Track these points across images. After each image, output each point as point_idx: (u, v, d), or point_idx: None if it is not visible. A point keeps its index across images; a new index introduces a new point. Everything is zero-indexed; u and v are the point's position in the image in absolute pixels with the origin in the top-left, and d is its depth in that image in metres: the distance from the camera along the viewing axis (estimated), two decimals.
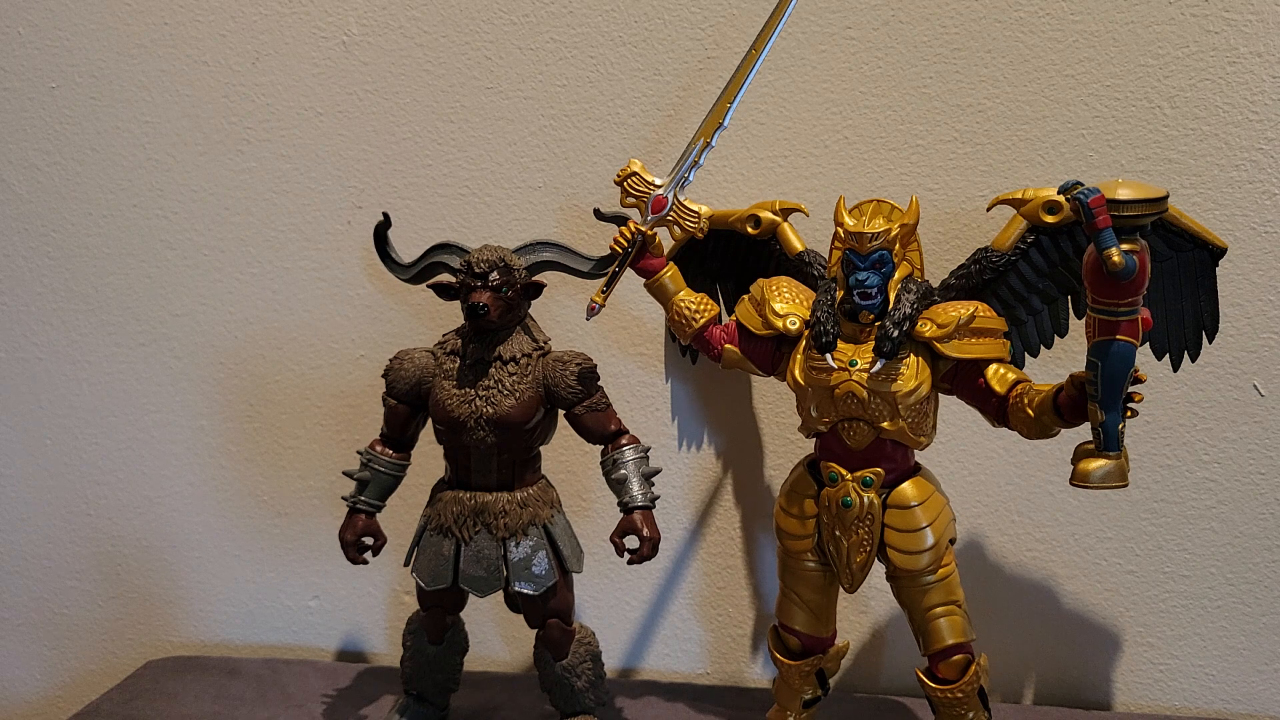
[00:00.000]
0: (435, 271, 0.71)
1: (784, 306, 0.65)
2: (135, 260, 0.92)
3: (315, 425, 0.91)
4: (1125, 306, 0.52)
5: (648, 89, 0.81)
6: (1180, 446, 0.78)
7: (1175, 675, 0.82)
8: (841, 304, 0.62)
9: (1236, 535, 0.79)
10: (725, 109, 0.66)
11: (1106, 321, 0.53)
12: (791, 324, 0.64)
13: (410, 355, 0.71)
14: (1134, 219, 0.51)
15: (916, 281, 0.62)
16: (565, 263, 0.70)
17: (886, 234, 0.61)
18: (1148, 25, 0.73)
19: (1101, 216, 0.50)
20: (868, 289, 0.61)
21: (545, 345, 0.70)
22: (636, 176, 0.68)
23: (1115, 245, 0.50)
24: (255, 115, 0.87)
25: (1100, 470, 0.55)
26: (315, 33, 0.85)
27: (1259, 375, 0.77)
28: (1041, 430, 0.60)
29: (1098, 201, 0.50)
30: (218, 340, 0.92)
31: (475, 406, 0.68)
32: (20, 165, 0.92)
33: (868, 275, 0.61)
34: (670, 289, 0.68)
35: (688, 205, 0.68)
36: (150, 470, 0.95)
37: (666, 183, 0.68)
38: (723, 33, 0.79)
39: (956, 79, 0.76)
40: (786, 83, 0.78)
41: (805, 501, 0.66)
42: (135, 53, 0.88)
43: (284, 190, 0.88)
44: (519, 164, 0.84)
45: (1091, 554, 0.81)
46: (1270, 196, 0.74)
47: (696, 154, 0.67)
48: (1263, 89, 0.73)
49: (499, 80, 0.83)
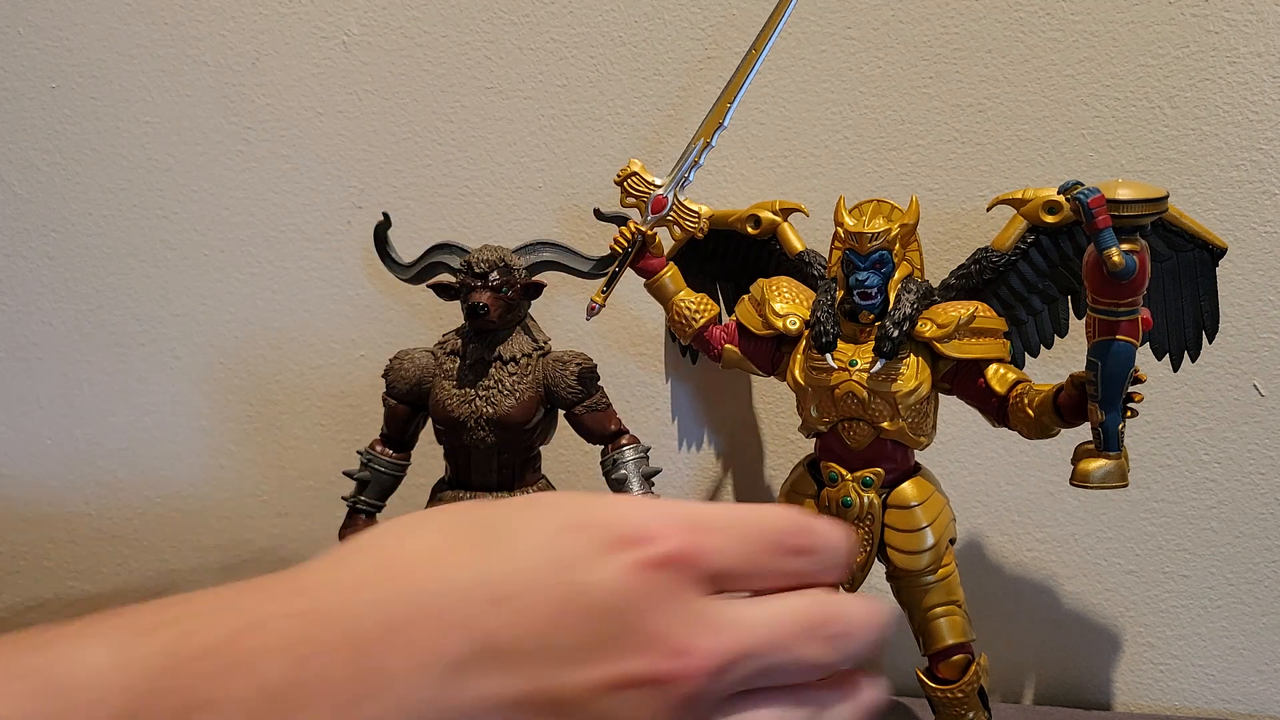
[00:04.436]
0: (435, 271, 0.71)
1: (784, 306, 0.64)
2: (135, 260, 0.92)
3: (315, 425, 0.91)
4: (1125, 306, 0.52)
5: (648, 89, 0.81)
6: (1180, 446, 0.78)
7: (1175, 675, 0.82)
8: (841, 304, 0.62)
9: (1236, 535, 0.79)
10: (725, 109, 0.66)
11: (1106, 321, 0.53)
12: (791, 324, 0.64)
13: (410, 355, 0.71)
14: (1134, 219, 0.51)
15: (916, 281, 0.62)
16: (565, 263, 0.70)
17: (886, 234, 0.60)
18: (1148, 25, 0.73)
19: (1101, 216, 0.49)
20: (868, 289, 0.60)
21: (545, 345, 0.70)
22: (636, 176, 0.67)
23: (1115, 245, 0.50)
24: (255, 115, 0.87)
25: (1100, 470, 0.55)
26: (315, 33, 0.85)
27: (1259, 375, 0.76)
28: (1041, 430, 0.60)
29: (1098, 201, 0.49)
30: (218, 340, 0.92)
31: (475, 406, 0.68)
32: (20, 165, 0.92)
33: (868, 275, 0.60)
34: (670, 289, 0.68)
35: (688, 205, 0.67)
36: (150, 470, 0.95)
37: (666, 183, 0.67)
38: (723, 33, 0.79)
39: (956, 79, 0.76)
40: (786, 83, 0.78)
41: (805, 501, 0.66)
42: (135, 53, 0.88)
43: (284, 190, 0.88)
44: (519, 164, 0.84)
45: (1091, 554, 0.81)
46: (1270, 196, 0.74)
47: (697, 154, 0.67)
48: (1263, 89, 0.72)
49: (499, 80, 0.83)
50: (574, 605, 0.31)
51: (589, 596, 0.31)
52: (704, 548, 0.33)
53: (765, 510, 0.36)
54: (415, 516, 0.34)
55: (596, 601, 0.31)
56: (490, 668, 0.30)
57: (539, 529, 0.32)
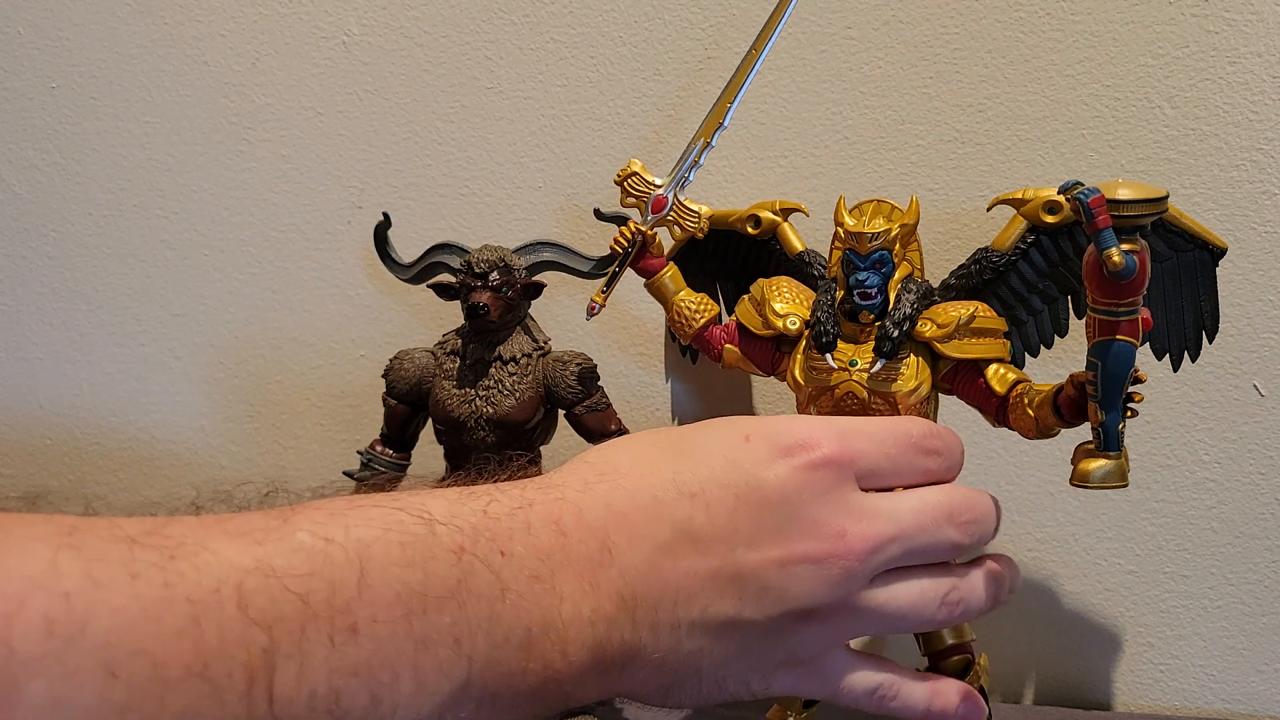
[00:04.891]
0: (435, 271, 0.71)
1: (784, 306, 0.64)
2: (135, 260, 0.92)
3: (315, 425, 0.91)
4: (1125, 306, 0.52)
5: (648, 89, 0.81)
6: (1180, 446, 0.78)
7: (1175, 675, 0.82)
8: (841, 304, 0.62)
9: (1236, 535, 0.79)
10: (725, 109, 0.66)
11: (1106, 322, 0.52)
12: (791, 324, 0.63)
13: (410, 355, 0.71)
14: (1134, 219, 0.50)
15: (916, 281, 0.62)
16: (565, 263, 0.70)
17: (887, 234, 0.60)
18: (1148, 25, 0.73)
19: (1101, 216, 0.49)
20: (868, 289, 0.60)
21: (545, 345, 0.70)
22: (636, 176, 0.67)
23: (1115, 245, 0.49)
24: (255, 115, 0.87)
25: (1100, 470, 0.54)
26: (315, 33, 0.85)
27: (1259, 375, 0.76)
28: (1042, 430, 0.59)
29: (1098, 201, 0.49)
30: (218, 340, 0.92)
31: (475, 406, 0.68)
32: (20, 165, 0.92)
33: (868, 275, 0.60)
34: (670, 289, 0.68)
35: (688, 205, 0.67)
36: (151, 471, 0.95)
37: (667, 183, 0.67)
38: (723, 33, 0.79)
39: (956, 79, 0.76)
40: (786, 82, 0.78)
41: None
42: (135, 53, 0.88)
43: (284, 190, 0.88)
44: (519, 164, 0.84)
45: (1091, 554, 0.81)
46: (1270, 196, 0.74)
47: (697, 154, 0.67)
48: (1263, 89, 0.72)
49: (499, 80, 0.83)
50: (750, 499, 0.39)
51: (762, 492, 0.39)
52: (855, 451, 0.41)
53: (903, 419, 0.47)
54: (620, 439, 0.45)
55: (768, 496, 0.39)
56: (687, 549, 0.38)
57: (720, 440, 0.41)
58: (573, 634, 0.36)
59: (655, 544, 0.38)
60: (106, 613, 0.29)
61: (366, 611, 0.32)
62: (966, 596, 0.46)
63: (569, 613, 0.36)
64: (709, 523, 0.38)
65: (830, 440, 0.40)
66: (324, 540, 0.33)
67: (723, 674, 0.40)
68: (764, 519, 0.38)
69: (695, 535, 0.38)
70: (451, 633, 0.33)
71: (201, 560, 0.31)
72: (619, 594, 0.37)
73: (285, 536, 0.33)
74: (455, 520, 0.35)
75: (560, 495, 0.38)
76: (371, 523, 0.34)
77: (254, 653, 0.30)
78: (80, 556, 0.30)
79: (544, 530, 0.37)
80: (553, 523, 0.37)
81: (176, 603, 0.30)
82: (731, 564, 0.38)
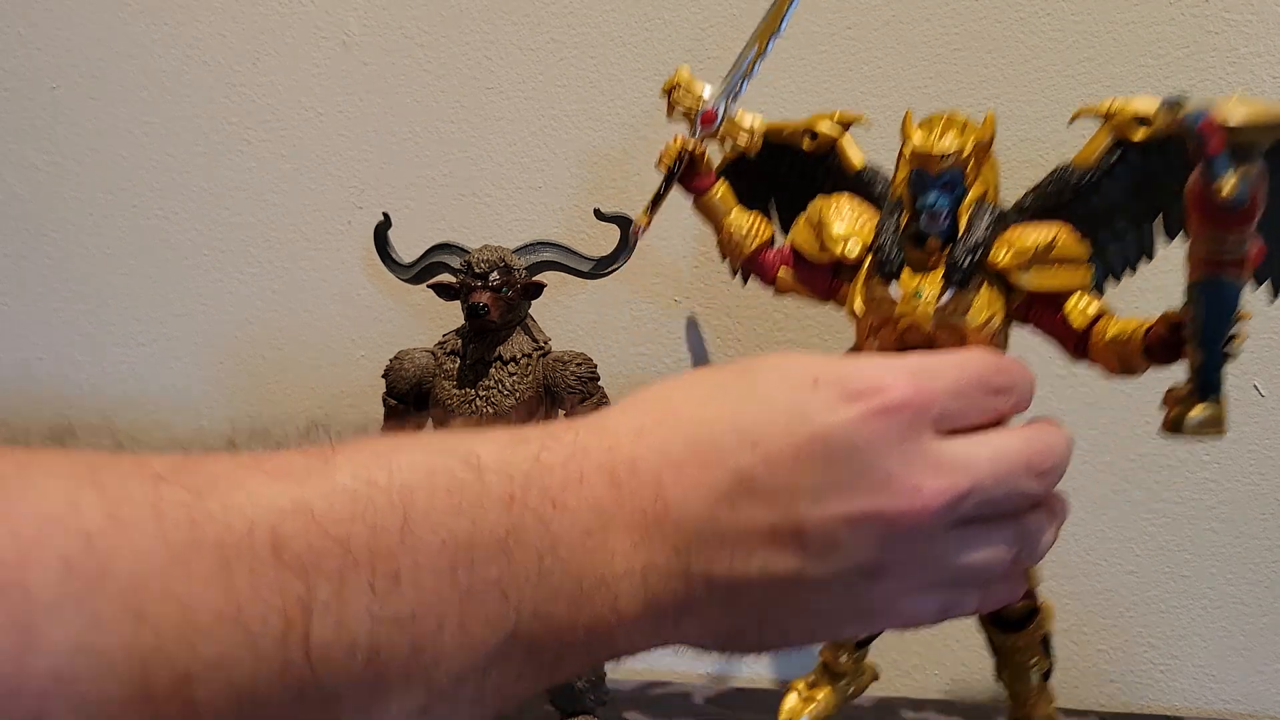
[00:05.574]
0: (435, 271, 0.71)
1: (844, 229, 0.57)
2: (135, 260, 0.92)
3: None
4: (1234, 239, 0.45)
5: (648, 89, 0.81)
6: (1180, 446, 0.78)
7: (1175, 675, 0.82)
8: (907, 228, 0.55)
9: (1237, 535, 0.79)
10: (783, 12, 0.61)
11: (1210, 257, 0.45)
12: (851, 249, 0.57)
13: (410, 355, 0.71)
14: (1250, 144, 0.43)
15: (990, 205, 0.56)
16: (565, 263, 0.70)
17: (959, 153, 0.54)
18: (1148, 25, 0.73)
19: (1214, 140, 0.42)
20: (936, 212, 0.54)
21: (545, 345, 0.70)
22: (681, 89, 0.62)
23: (1227, 173, 0.43)
24: (255, 115, 0.87)
25: (1196, 418, 0.48)
26: (315, 33, 0.85)
27: (1259, 375, 0.77)
28: (1127, 368, 0.53)
29: (1209, 126, 0.43)
30: (218, 340, 0.92)
31: (475, 406, 0.68)
32: (20, 165, 0.92)
33: (937, 197, 0.54)
34: (720, 209, 0.62)
35: (739, 119, 0.63)
36: None
37: (716, 94, 0.62)
38: (723, 33, 0.79)
39: (956, 79, 0.76)
40: (786, 82, 0.78)
41: None
42: (135, 53, 0.88)
43: (284, 190, 0.88)
44: (519, 164, 0.84)
45: (1091, 554, 0.81)
46: None
47: (750, 63, 0.62)
48: (1263, 89, 0.73)
49: (499, 80, 0.83)
50: (815, 449, 0.35)
51: (827, 441, 0.35)
52: (929, 393, 0.37)
53: (971, 354, 0.42)
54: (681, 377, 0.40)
55: (835, 446, 0.35)
56: (747, 500, 0.35)
57: (783, 384, 0.37)
58: (624, 588, 0.34)
59: (713, 494, 0.35)
60: (130, 555, 0.28)
61: (410, 559, 0.31)
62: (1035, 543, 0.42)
63: (621, 566, 0.34)
64: (770, 473, 0.35)
65: (903, 383, 0.36)
66: (367, 484, 0.32)
67: (785, 626, 0.38)
68: (830, 471, 0.35)
69: (755, 486, 0.35)
70: (499, 585, 0.32)
71: (233, 500, 0.30)
72: (673, 547, 0.35)
73: (326, 477, 0.32)
74: (506, 468, 0.34)
75: (614, 444, 0.36)
76: (416, 467, 0.33)
77: (289, 599, 0.29)
78: (103, 496, 0.29)
79: (598, 481, 0.35)
80: (607, 473, 0.35)
81: (205, 546, 0.29)
82: (793, 518, 0.35)
